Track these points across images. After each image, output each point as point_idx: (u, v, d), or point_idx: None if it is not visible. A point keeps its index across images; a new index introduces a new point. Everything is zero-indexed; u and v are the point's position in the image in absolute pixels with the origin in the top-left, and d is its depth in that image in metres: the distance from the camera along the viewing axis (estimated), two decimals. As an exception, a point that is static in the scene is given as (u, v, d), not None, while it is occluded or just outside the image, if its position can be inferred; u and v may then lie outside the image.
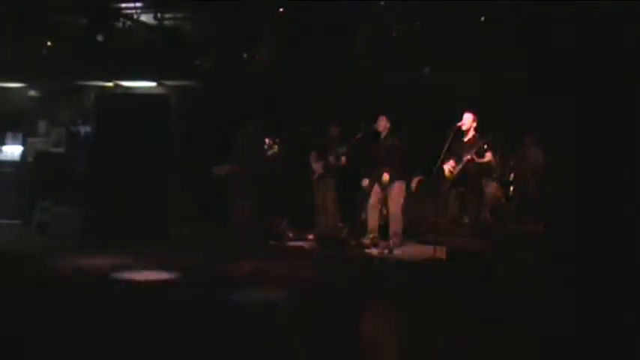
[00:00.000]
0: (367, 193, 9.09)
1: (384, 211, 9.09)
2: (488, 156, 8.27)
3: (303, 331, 5.37)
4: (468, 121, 8.37)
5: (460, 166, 8.28)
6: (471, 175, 8.36)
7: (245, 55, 10.26)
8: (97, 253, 8.36)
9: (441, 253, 7.79)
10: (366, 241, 9.02)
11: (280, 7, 9.32)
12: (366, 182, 9.11)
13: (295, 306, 6.25)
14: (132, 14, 9.83)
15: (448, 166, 8.33)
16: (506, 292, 6.68)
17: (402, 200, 8.91)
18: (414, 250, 8.81)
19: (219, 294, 6.54)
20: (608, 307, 5.80)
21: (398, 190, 8.87)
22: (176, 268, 7.38)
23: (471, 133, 8.39)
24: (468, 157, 8.20)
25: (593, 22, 7.55)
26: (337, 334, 5.28)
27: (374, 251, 8.73)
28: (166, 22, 9.91)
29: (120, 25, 9.82)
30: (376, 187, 8.96)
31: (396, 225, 8.85)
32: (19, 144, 12.26)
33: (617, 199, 7.82)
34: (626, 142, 7.69)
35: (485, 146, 8.27)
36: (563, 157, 8.56)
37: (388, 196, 8.89)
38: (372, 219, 9.03)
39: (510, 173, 9.88)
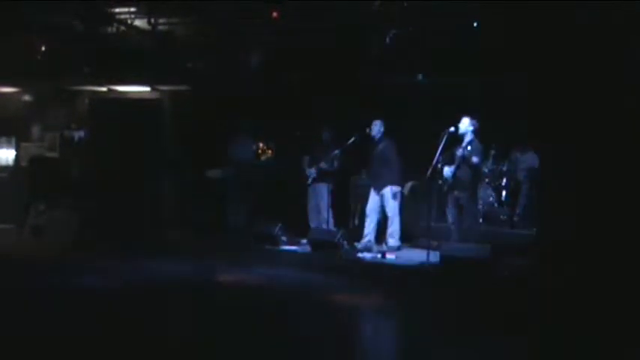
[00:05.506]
0: (361, 197, 9.08)
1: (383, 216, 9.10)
2: (475, 160, 8.22)
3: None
4: (463, 124, 8.34)
5: (454, 170, 8.28)
6: (464, 179, 8.35)
7: (239, 60, 10.23)
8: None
9: (435, 258, 7.81)
10: (360, 245, 9.02)
11: (274, 11, 9.30)
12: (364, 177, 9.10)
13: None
14: (126, 19, 9.82)
15: (446, 170, 8.29)
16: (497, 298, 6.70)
17: (398, 204, 8.93)
18: (407, 255, 8.82)
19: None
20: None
21: (393, 194, 8.89)
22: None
23: (467, 137, 8.35)
24: (459, 160, 8.20)
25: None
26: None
27: (367, 256, 8.73)
28: (160, 27, 9.89)
29: (114, 30, 9.81)
30: (373, 192, 8.98)
31: (393, 227, 8.90)
32: (13, 148, 12.26)
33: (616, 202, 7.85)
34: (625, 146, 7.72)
35: (472, 150, 8.27)
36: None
37: (385, 201, 8.91)
38: (369, 223, 9.04)
39: (503, 178, 9.87)
